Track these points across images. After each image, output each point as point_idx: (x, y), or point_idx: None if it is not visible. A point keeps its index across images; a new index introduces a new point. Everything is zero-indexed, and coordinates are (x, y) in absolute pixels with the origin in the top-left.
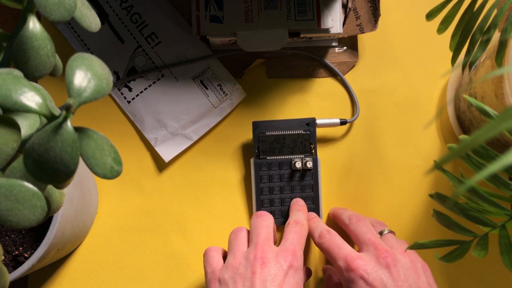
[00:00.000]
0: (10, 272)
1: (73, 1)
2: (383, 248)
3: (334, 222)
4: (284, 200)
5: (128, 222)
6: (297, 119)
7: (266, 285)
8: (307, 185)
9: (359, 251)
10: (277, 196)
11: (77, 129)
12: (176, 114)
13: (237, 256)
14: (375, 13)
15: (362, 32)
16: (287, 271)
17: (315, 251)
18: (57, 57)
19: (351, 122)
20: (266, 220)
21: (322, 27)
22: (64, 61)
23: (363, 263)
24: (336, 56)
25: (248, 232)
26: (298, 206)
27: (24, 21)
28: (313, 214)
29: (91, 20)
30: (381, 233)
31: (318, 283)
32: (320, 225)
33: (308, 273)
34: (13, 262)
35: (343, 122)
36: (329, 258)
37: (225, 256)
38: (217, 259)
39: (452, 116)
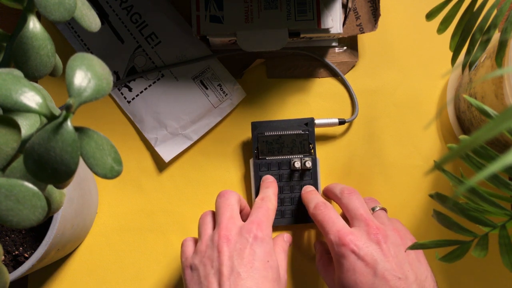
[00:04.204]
0: (10, 272)
1: (73, 1)
2: (374, 224)
3: (329, 198)
4: (283, 200)
5: (128, 222)
6: (295, 119)
7: (233, 261)
8: (306, 185)
9: (350, 225)
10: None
11: (77, 129)
12: (176, 114)
13: (203, 240)
14: (375, 13)
15: (362, 32)
16: (252, 243)
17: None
18: (57, 57)
19: (350, 122)
20: (229, 199)
21: (322, 27)
22: (64, 61)
23: (354, 238)
24: (336, 56)
25: (214, 214)
26: (267, 183)
27: (24, 21)
28: (311, 187)
29: (91, 20)
30: (373, 209)
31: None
32: (317, 197)
33: (288, 240)
34: (13, 262)
35: (341, 122)
36: (321, 230)
37: None
38: (190, 248)
39: (452, 116)
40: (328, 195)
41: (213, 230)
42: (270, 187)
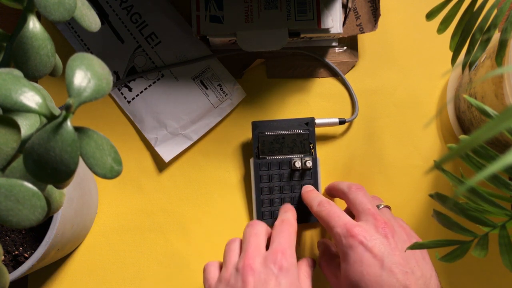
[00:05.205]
0: (10, 272)
1: (73, 1)
2: (382, 219)
3: (332, 196)
4: (284, 200)
5: (128, 222)
6: (296, 118)
7: None
8: (306, 185)
9: (356, 220)
10: (277, 196)
11: (77, 129)
12: (176, 114)
13: (228, 267)
14: (375, 13)
15: (362, 32)
16: (278, 274)
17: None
18: (57, 57)
19: (350, 122)
20: (256, 228)
21: (322, 27)
22: (64, 61)
23: (362, 230)
24: (336, 56)
25: (241, 241)
26: (286, 208)
27: (24, 21)
28: (310, 187)
29: (91, 20)
30: (377, 207)
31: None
32: (318, 195)
33: (312, 264)
34: (13, 262)
35: (341, 122)
36: (326, 226)
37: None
38: (213, 274)
39: (452, 116)
40: (333, 192)
41: (239, 258)
42: (288, 212)
